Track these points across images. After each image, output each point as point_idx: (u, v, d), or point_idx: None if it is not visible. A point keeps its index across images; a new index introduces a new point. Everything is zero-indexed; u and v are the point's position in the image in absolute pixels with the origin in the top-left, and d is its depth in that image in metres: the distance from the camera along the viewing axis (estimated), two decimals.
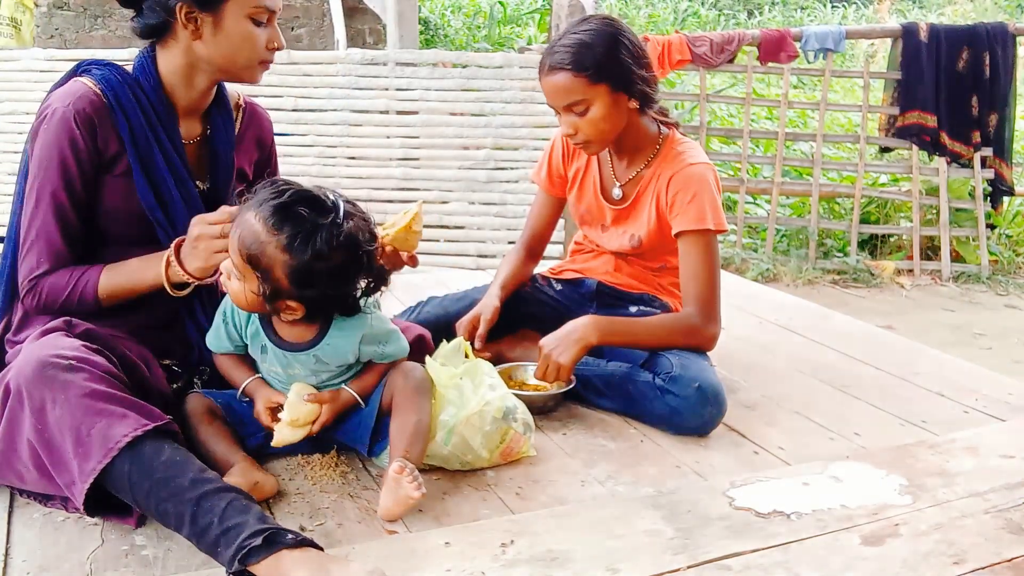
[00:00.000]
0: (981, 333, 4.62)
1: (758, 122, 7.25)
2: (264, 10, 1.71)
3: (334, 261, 1.52)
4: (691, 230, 2.01)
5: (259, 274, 1.53)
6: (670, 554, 1.37)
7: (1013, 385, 2.22)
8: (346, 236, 1.53)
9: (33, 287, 1.67)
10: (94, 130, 1.67)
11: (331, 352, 1.67)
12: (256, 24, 1.71)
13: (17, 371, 1.45)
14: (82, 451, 1.38)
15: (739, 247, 5.55)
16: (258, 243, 1.51)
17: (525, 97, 4.87)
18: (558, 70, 1.95)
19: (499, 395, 1.72)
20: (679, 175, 2.03)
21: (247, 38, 1.71)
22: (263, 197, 1.53)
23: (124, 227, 1.73)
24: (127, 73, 1.74)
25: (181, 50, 1.72)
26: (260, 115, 1.97)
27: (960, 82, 5.52)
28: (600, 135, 2.00)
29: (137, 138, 1.70)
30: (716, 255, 2.04)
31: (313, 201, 1.53)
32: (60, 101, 1.67)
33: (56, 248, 1.67)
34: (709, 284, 2.01)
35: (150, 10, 1.70)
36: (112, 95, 1.69)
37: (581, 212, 2.24)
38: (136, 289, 1.67)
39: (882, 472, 1.64)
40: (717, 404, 1.88)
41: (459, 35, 10.49)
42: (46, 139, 1.66)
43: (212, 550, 1.31)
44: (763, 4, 14.49)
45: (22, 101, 4.95)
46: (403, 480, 1.48)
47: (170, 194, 1.73)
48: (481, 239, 4.88)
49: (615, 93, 1.96)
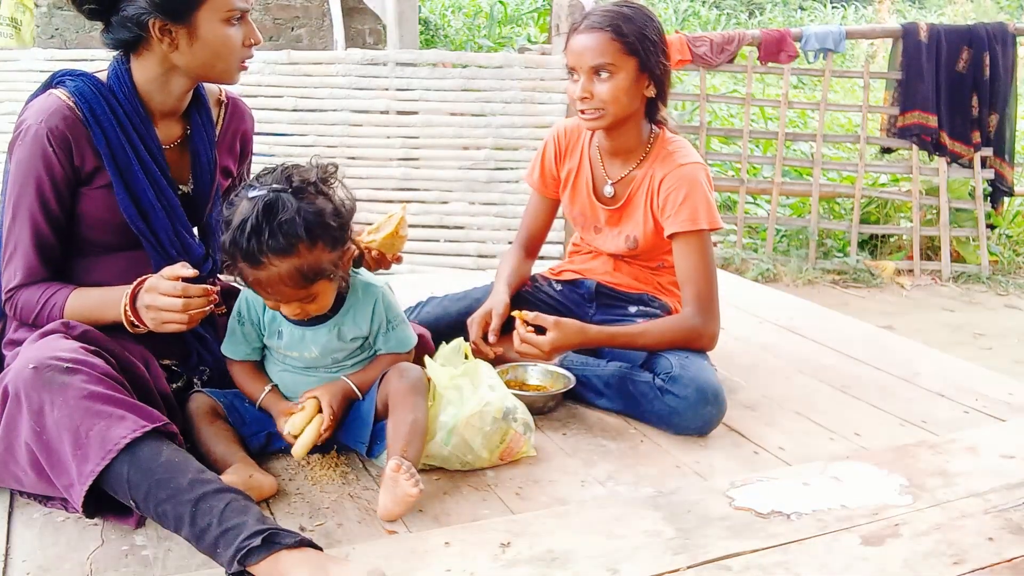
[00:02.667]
0: (981, 333, 4.62)
1: (758, 122, 7.24)
2: (236, 11, 1.68)
3: (320, 206, 1.58)
4: (684, 231, 2.01)
5: (321, 281, 1.59)
6: (670, 554, 1.37)
7: (1013, 385, 2.22)
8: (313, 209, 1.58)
9: (10, 298, 1.68)
10: (68, 148, 1.65)
11: (350, 322, 1.71)
12: (231, 25, 1.69)
13: (15, 374, 1.45)
14: (80, 453, 1.38)
15: (739, 247, 5.54)
16: (293, 270, 1.55)
17: (525, 97, 4.87)
18: (597, 29, 1.96)
19: (499, 395, 1.72)
20: (670, 176, 2.03)
21: (224, 42, 1.68)
22: (235, 242, 1.56)
23: (106, 235, 1.73)
24: (101, 83, 1.72)
25: (157, 60, 1.70)
26: (242, 110, 1.95)
27: (960, 82, 5.51)
28: (612, 107, 1.99)
29: (114, 150, 1.68)
30: (711, 254, 2.04)
31: (268, 208, 1.55)
32: (34, 118, 1.66)
33: (30, 263, 1.67)
34: (706, 284, 2.01)
35: (120, 25, 1.67)
36: (87, 108, 1.67)
37: (575, 215, 2.24)
38: (100, 322, 1.64)
39: (882, 472, 1.64)
40: (717, 404, 1.88)
41: (459, 35, 10.49)
42: (21, 156, 1.65)
43: (211, 551, 1.31)
44: (764, 4, 14.49)
45: (22, 102, 4.93)
46: (400, 478, 1.48)
47: (151, 203, 1.71)
48: (481, 239, 4.88)
49: (640, 72, 1.99)
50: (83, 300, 1.65)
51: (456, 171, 4.89)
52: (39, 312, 1.65)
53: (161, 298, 1.58)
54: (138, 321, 1.62)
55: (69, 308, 1.65)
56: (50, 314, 1.65)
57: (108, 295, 1.65)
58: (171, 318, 1.58)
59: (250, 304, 1.74)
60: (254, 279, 1.58)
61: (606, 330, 2.00)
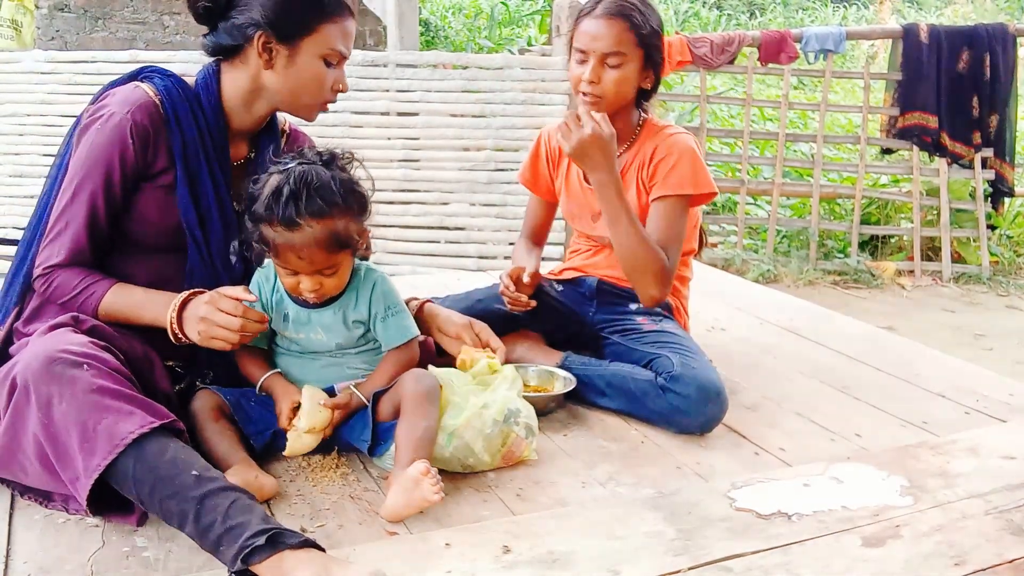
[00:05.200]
0: (982, 334, 4.62)
1: (758, 123, 7.25)
2: (337, 54, 1.74)
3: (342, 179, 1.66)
4: (666, 195, 2.04)
5: (346, 251, 1.67)
6: (671, 555, 1.36)
7: (1014, 386, 2.22)
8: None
9: (47, 275, 1.68)
10: (146, 143, 1.68)
11: (352, 304, 1.74)
12: (327, 65, 1.74)
13: (24, 366, 1.46)
14: (87, 447, 1.38)
15: (740, 248, 5.55)
16: (328, 233, 1.61)
17: (526, 98, 4.87)
18: (615, 17, 1.99)
19: (501, 397, 1.72)
20: (661, 145, 2.08)
21: (316, 77, 1.74)
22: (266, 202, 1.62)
23: (154, 236, 1.74)
24: (188, 87, 1.75)
25: (249, 75, 1.74)
26: (302, 141, 1.98)
27: (960, 83, 5.51)
28: (615, 95, 2.03)
29: (188, 155, 1.71)
30: (684, 221, 2.06)
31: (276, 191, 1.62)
32: (119, 106, 1.68)
33: (79, 245, 1.67)
34: (674, 249, 2.03)
35: (227, 32, 1.72)
36: (171, 109, 1.70)
37: (571, 208, 2.25)
38: (135, 320, 1.67)
39: (883, 473, 1.64)
40: (718, 402, 1.88)
41: (459, 36, 10.50)
42: (98, 140, 1.67)
43: (214, 549, 1.31)
44: (764, 5, 14.50)
45: (23, 103, 4.96)
46: (425, 481, 1.48)
47: (210, 213, 1.74)
48: (482, 240, 4.88)
49: (645, 64, 2.04)
50: (124, 296, 1.67)
51: (457, 172, 4.89)
52: (74, 296, 1.66)
53: (220, 315, 1.59)
54: (181, 331, 1.63)
55: (108, 300, 1.66)
56: (86, 301, 1.66)
57: (153, 297, 1.67)
58: (223, 335, 1.60)
59: (260, 286, 1.78)
60: (286, 242, 1.62)
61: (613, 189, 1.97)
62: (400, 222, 4.86)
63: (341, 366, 1.79)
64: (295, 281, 1.69)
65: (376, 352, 1.82)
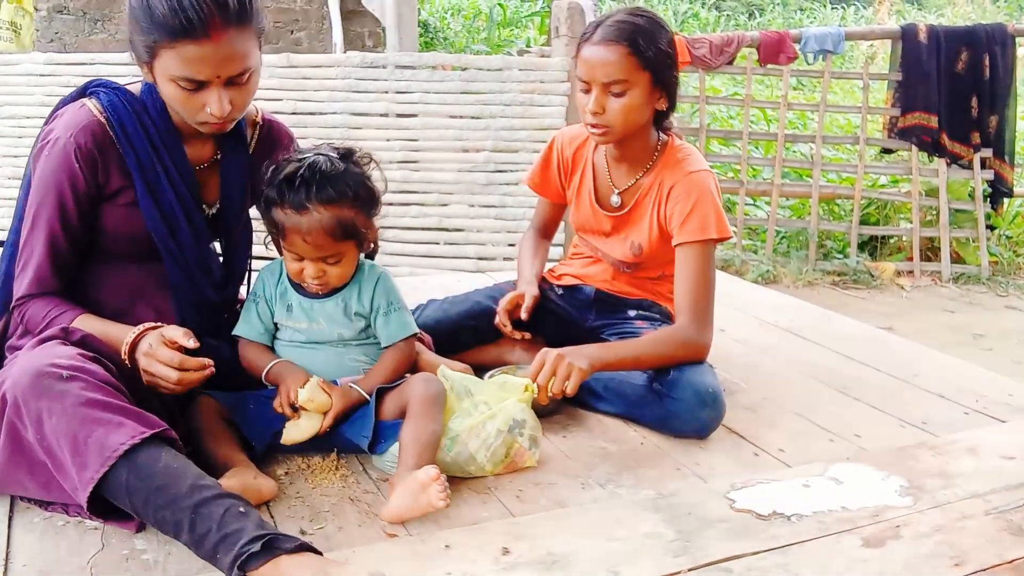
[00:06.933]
0: (981, 334, 4.62)
1: (758, 124, 7.25)
2: (185, 79, 1.56)
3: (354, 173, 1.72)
4: (691, 241, 1.98)
5: (351, 241, 1.71)
6: (671, 556, 1.36)
7: (1013, 386, 2.22)
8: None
9: (20, 306, 1.68)
10: (95, 165, 1.65)
11: (355, 297, 1.77)
12: (180, 88, 1.58)
13: (13, 382, 1.45)
14: (79, 460, 1.37)
15: (739, 249, 5.54)
16: (334, 221, 1.66)
17: (524, 100, 4.87)
18: (614, 43, 1.89)
19: (508, 408, 1.72)
20: (679, 185, 1.99)
21: (175, 99, 1.61)
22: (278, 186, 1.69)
23: (127, 247, 1.73)
24: (134, 97, 1.70)
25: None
26: (279, 132, 1.94)
27: (959, 83, 5.51)
28: (624, 124, 1.95)
29: (144, 167, 1.68)
30: (712, 265, 2.00)
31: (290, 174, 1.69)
32: (63, 130, 1.65)
33: (42, 274, 1.67)
34: (704, 294, 1.97)
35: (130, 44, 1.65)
36: (118, 124, 1.66)
37: (580, 221, 2.22)
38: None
39: (882, 474, 1.64)
40: (715, 407, 1.87)
41: (458, 38, 10.50)
42: (47, 167, 1.65)
43: (211, 557, 1.31)
44: (763, 5, 14.50)
45: (22, 105, 4.95)
46: (434, 486, 1.48)
47: (177, 222, 1.72)
48: (481, 242, 4.88)
49: (654, 86, 1.94)
50: (87, 327, 1.63)
51: (455, 173, 4.89)
52: (43, 328, 1.64)
53: (157, 365, 1.56)
54: (133, 367, 1.61)
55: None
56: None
57: (111, 330, 1.64)
58: (163, 385, 1.58)
59: (265, 281, 1.82)
60: (294, 225, 1.67)
61: (595, 350, 1.86)
62: (399, 223, 4.86)
63: (342, 357, 1.80)
64: (299, 267, 1.72)
65: (378, 346, 1.83)
